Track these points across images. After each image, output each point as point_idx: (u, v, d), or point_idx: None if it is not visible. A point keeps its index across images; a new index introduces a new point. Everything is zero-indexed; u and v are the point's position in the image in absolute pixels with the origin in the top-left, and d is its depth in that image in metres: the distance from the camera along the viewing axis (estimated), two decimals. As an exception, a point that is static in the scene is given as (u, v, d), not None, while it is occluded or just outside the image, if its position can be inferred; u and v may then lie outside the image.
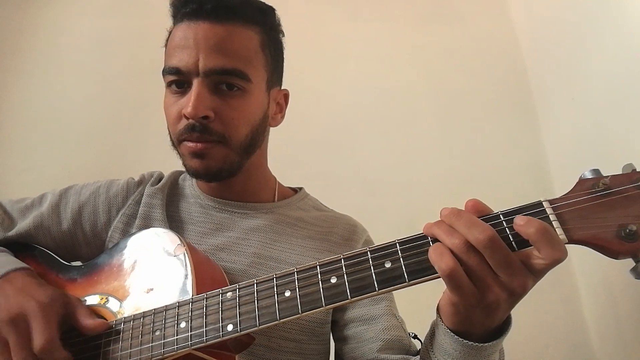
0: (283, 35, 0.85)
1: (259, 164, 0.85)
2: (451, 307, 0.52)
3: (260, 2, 0.81)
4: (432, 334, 0.59)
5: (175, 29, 0.76)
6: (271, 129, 0.87)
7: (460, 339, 0.53)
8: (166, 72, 0.74)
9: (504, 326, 0.54)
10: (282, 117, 0.87)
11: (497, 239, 0.48)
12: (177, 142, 0.76)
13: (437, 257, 0.49)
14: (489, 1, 1.81)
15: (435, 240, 0.51)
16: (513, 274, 0.48)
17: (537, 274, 0.49)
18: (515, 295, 0.49)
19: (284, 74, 0.88)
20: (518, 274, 0.48)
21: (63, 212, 0.82)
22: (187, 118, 0.72)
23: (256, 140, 0.79)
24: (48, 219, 0.81)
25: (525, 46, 1.72)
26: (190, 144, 0.74)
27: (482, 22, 1.79)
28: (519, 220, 0.48)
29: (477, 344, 0.52)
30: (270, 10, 0.82)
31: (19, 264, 0.69)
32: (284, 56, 0.87)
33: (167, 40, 0.78)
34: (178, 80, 0.74)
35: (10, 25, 1.76)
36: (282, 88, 0.87)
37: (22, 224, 0.80)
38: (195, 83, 0.72)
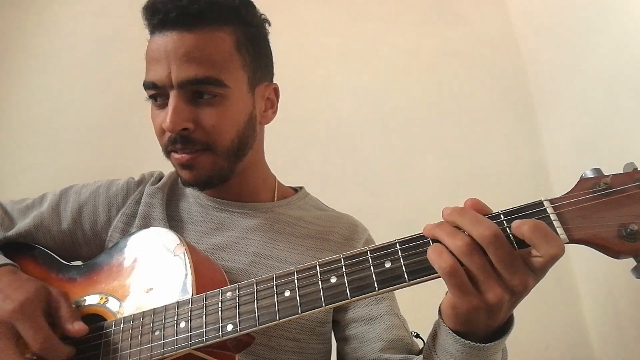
0: (269, 25, 0.81)
1: (255, 164, 0.84)
2: (452, 310, 0.51)
3: None
4: (434, 334, 0.59)
5: (149, 42, 0.74)
6: (272, 129, 0.87)
7: (462, 339, 0.52)
8: (145, 86, 0.74)
9: (506, 325, 0.54)
10: (274, 112, 0.85)
11: (501, 235, 0.48)
12: (165, 154, 0.77)
13: (436, 256, 0.49)
14: (489, 2, 1.81)
15: (435, 241, 0.51)
16: (515, 272, 0.48)
17: (538, 272, 0.49)
18: (517, 295, 0.49)
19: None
20: (520, 271, 0.48)
21: (63, 212, 0.82)
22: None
23: (245, 143, 0.77)
24: (48, 219, 0.81)
25: (525, 47, 1.72)
26: (177, 156, 0.74)
27: (482, 22, 1.79)
28: (514, 223, 0.49)
29: (479, 344, 0.52)
30: (244, 6, 0.77)
31: None
32: (272, 48, 0.82)
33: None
34: (157, 94, 0.73)
35: (10, 25, 1.76)
36: (273, 82, 0.84)
37: (22, 224, 0.80)
38: (172, 96, 0.71)
